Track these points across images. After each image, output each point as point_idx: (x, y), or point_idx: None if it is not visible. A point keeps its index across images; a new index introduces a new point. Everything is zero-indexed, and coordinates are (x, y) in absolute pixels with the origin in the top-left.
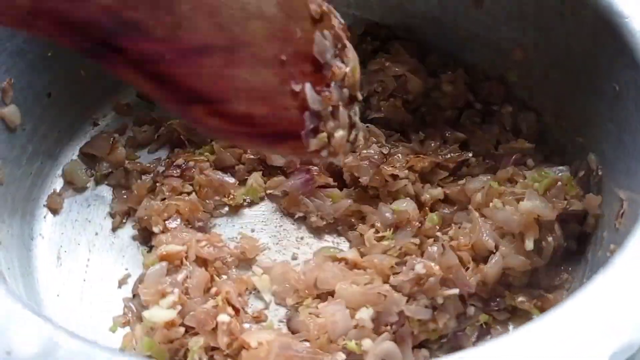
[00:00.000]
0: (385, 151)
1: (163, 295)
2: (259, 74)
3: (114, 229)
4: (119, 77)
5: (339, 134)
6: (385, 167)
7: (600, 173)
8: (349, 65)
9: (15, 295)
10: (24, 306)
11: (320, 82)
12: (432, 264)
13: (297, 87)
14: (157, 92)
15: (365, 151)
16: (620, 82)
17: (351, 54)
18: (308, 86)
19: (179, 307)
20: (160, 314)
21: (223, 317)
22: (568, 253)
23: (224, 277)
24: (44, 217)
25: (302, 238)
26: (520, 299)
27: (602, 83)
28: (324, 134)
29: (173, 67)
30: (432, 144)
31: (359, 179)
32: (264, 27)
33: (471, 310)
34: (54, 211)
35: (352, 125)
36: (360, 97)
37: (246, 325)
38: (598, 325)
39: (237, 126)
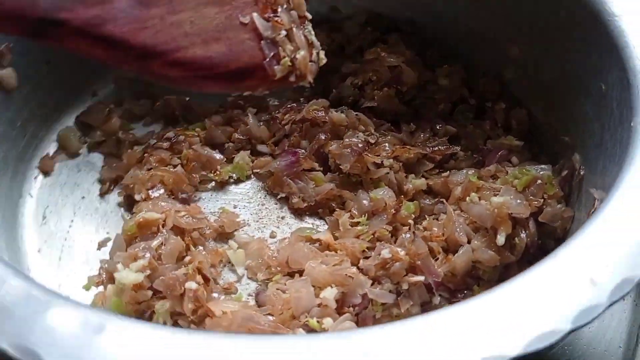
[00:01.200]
0: (372, 140)
1: (135, 258)
2: (204, 15)
3: (101, 195)
4: (70, 50)
5: (301, 54)
6: (369, 155)
7: (582, 173)
8: None
9: None
10: None
11: (266, 10)
12: (399, 250)
13: (245, 19)
14: (112, 55)
15: (348, 140)
16: (608, 82)
17: None
18: (255, 15)
19: (148, 272)
20: (129, 276)
21: (191, 284)
22: (543, 251)
23: (200, 248)
24: (35, 177)
25: (282, 218)
26: None
27: (590, 82)
28: (286, 59)
29: (118, 27)
30: (422, 136)
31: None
32: None
33: (437, 299)
34: (45, 173)
35: (310, 44)
36: (309, 15)
37: (215, 295)
38: (523, 313)
39: (200, 70)
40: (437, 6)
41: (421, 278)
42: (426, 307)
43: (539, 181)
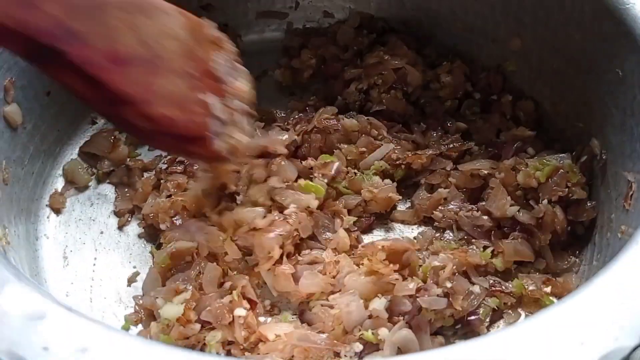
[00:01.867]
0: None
1: (176, 292)
2: (174, 83)
3: (119, 227)
4: (58, 80)
5: (239, 135)
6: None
7: (604, 157)
8: (243, 83)
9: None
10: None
11: (221, 94)
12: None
13: (203, 97)
14: (92, 94)
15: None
16: (624, 68)
17: (245, 74)
18: (211, 96)
19: (193, 304)
20: (172, 310)
21: (239, 311)
22: (574, 237)
23: (234, 272)
24: (47, 217)
25: None
26: (531, 287)
27: (603, 69)
28: (227, 136)
29: (106, 72)
30: (434, 134)
31: None
32: (175, 45)
33: (476, 288)
34: (57, 211)
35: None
36: (254, 113)
37: (261, 319)
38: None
39: (160, 126)
40: (431, 4)
41: None
42: (469, 297)
43: (561, 170)
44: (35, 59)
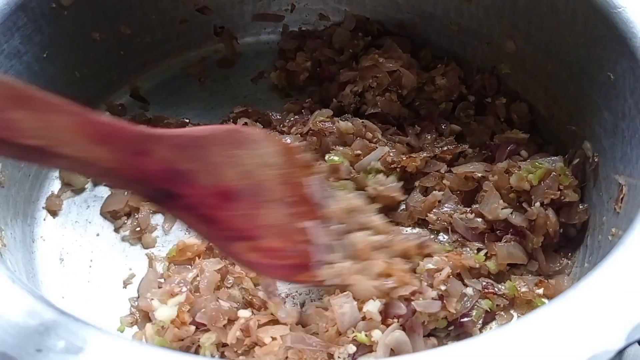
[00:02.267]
0: None
1: (172, 295)
2: (275, 213)
3: (115, 230)
4: (180, 219)
5: (346, 264)
6: None
7: (596, 160)
8: (338, 204)
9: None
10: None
11: (319, 219)
12: None
13: (301, 225)
14: (206, 231)
15: None
16: (616, 71)
17: (334, 194)
18: (310, 223)
19: (188, 307)
20: (167, 312)
21: (244, 312)
22: (567, 239)
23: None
24: (44, 219)
25: None
26: (524, 289)
27: (596, 72)
28: (330, 264)
29: (219, 210)
30: (429, 137)
31: None
32: (273, 172)
33: (469, 290)
34: (53, 213)
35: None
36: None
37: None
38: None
39: (267, 259)
40: (426, 7)
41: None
42: (463, 300)
43: (553, 173)
44: (156, 200)
